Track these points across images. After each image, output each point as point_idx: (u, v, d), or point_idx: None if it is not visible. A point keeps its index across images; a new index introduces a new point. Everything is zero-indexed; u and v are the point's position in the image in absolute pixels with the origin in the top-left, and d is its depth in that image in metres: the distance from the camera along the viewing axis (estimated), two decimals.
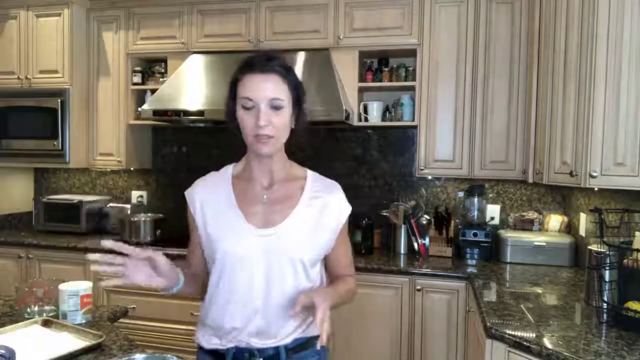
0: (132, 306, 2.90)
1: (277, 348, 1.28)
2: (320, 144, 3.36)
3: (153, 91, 3.30)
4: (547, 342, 1.53)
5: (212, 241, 1.29)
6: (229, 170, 1.38)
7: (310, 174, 1.38)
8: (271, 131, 1.20)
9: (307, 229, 1.29)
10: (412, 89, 3.03)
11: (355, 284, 1.43)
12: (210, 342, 1.32)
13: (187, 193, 1.36)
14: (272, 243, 1.26)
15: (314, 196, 1.32)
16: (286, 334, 1.29)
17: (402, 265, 2.80)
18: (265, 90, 1.20)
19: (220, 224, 1.29)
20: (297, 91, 1.27)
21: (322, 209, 1.32)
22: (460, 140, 2.92)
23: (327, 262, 1.40)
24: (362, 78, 3.09)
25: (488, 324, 1.73)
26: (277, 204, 1.30)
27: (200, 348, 1.37)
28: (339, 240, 1.37)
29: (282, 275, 1.27)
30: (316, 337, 1.35)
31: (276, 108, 1.21)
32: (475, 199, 3.00)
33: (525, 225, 3.02)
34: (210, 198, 1.32)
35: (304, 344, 1.33)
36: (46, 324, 1.59)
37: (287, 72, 1.25)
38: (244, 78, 1.23)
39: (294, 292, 1.27)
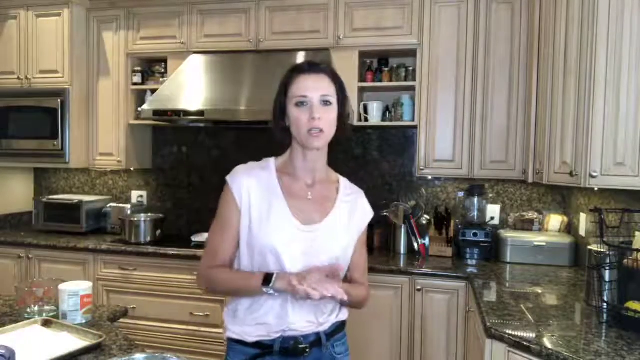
0: (132, 306, 2.90)
1: (318, 334, 1.38)
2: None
3: (153, 91, 3.30)
4: (547, 342, 1.53)
5: (256, 230, 1.33)
6: (270, 162, 1.42)
7: (342, 178, 1.51)
8: (322, 125, 1.31)
9: (342, 228, 1.40)
10: (412, 89, 3.03)
11: (367, 294, 1.52)
12: (254, 334, 1.35)
13: (232, 178, 1.37)
14: (313, 240, 1.34)
15: (346, 200, 1.45)
16: (324, 320, 1.39)
17: (402, 265, 2.80)
18: (318, 88, 1.32)
19: (267, 214, 1.33)
20: (342, 92, 1.39)
21: (352, 211, 1.44)
22: (460, 140, 2.92)
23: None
24: (362, 78, 3.09)
25: (488, 324, 1.73)
26: (318, 203, 1.40)
27: (237, 342, 1.39)
28: (358, 245, 1.48)
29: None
30: (345, 322, 1.49)
31: (327, 104, 1.33)
32: (475, 199, 3.00)
33: (525, 225, 3.02)
34: (256, 186, 1.36)
35: (338, 328, 1.46)
36: (46, 324, 1.59)
37: (334, 74, 1.38)
38: (297, 79, 1.34)
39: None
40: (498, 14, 2.84)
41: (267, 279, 1.28)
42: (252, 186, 1.35)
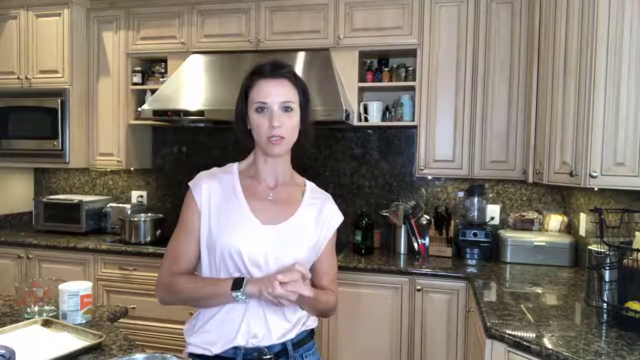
0: (132, 306, 2.90)
1: (284, 344, 1.31)
2: (320, 144, 3.36)
3: (153, 91, 3.30)
4: (547, 342, 1.53)
5: (215, 231, 1.29)
6: (234, 166, 1.40)
7: (309, 182, 1.46)
8: (283, 132, 1.27)
9: (305, 231, 1.35)
10: (412, 89, 3.03)
11: (335, 301, 1.43)
12: (216, 345, 1.28)
13: (193, 183, 1.35)
14: (275, 240, 1.29)
15: (312, 202, 1.40)
16: (289, 329, 1.32)
17: (402, 265, 2.80)
18: (278, 94, 1.28)
19: (225, 214, 1.30)
20: (304, 96, 1.34)
21: (319, 213, 1.39)
22: (460, 140, 2.92)
23: (311, 271, 1.37)
24: (362, 78, 3.09)
25: (488, 324, 1.73)
26: (281, 203, 1.35)
27: (199, 357, 1.31)
28: (326, 251, 1.41)
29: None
30: (313, 330, 1.42)
31: (287, 110, 1.29)
32: (475, 199, 3.00)
33: (525, 225, 3.02)
34: (217, 188, 1.33)
35: (307, 337, 1.38)
36: (46, 324, 1.59)
37: (295, 78, 1.34)
38: (257, 84, 1.30)
39: None
40: (498, 14, 2.84)
41: (237, 283, 1.23)
42: (213, 189, 1.32)
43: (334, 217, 1.43)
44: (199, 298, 1.30)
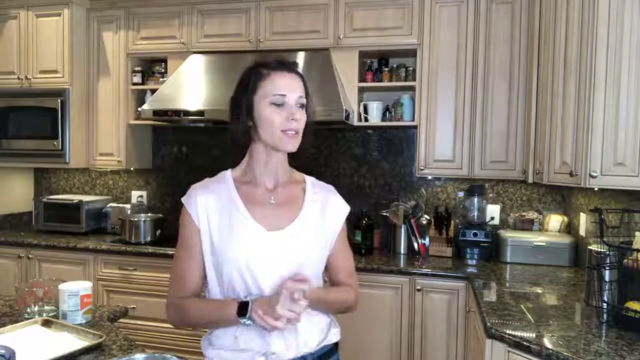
0: (132, 306, 2.90)
1: (304, 358, 1.26)
2: (320, 144, 3.36)
3: (153, 91, 3.30)
4: (547, 342, 1.53)
5: (220, 247, 1.24)
6: (226, 174, 1.34)
7: (308, 177, 1.41)
8: (299, 127, 1.25)
9: (313, 231, 1.31)
10: (412, 89, 3.03)
11: (355, 296, 1.38)
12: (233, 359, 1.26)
13: (187, 199, 1.29)
14: (284, 245, 1.25)
15: (315, 198, 1.35)
16: (308, 341, 1.27)
17: (402, 265, 2.80)
18: (296, 87, 1.27)
19: (228, 227, 1.25)
20: (308, 96, 1.32)
21: (323, 209, 1.35)
22: (460, 140, 2.92)
23: (327, 267, 1.37)
24: (362, 78, 3.09)
25: (488, 324, 1.73)
26: (283, 206, 1.30)
27: None
28: (338, 243, 1.37)
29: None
30: (337, 344, 1.36)
31: (301, 106, 1.27)
32: (475, 199, 3.00)
33: (525, 225, 3.02)
34: (213, 202, 1.27)
35: (329, 351, 1.33)
36: (46, 324, 1.59)
37: (303, 77, 1.32)
38: (271, 76, 1.26)
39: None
40: (498, 14, 2.84)
41: (242, 309, 1.17)
42: (209, 202, 1.26)
43: (338, 208, 1.39)
44: (208, 322, 1.28)
